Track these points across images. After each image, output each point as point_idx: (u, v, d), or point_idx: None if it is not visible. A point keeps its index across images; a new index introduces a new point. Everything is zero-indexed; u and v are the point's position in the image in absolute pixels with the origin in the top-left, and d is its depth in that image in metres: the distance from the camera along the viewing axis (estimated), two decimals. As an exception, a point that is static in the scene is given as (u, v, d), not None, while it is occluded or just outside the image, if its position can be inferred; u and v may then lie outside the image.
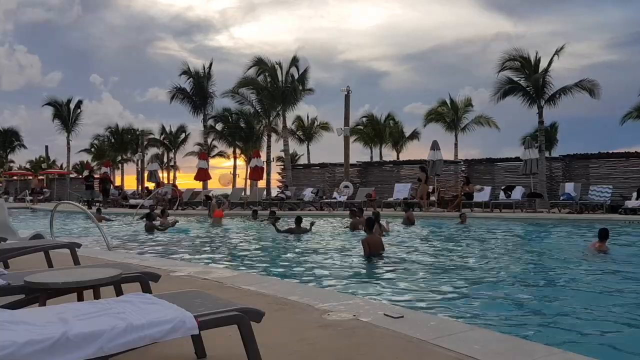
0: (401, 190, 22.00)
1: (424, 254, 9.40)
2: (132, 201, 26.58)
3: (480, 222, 15.86)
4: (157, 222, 14.62)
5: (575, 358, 3.16)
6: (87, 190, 30.66)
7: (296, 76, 27.66)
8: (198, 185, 29.49)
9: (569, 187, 18.96)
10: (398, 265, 8.26)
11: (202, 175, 27.64)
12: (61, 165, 51.86)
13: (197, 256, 9.90)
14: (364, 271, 7.85)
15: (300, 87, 27.73)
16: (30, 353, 2.12)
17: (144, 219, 15.47)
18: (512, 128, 59.38)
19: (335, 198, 22.49)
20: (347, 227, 13.70)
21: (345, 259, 8.97)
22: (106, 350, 2.27)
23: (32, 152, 60.11)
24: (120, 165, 46.22)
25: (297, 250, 10.45)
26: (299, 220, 12.85)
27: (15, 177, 44.18)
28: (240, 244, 11.91)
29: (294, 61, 27.46)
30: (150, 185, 30.44)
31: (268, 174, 28.04)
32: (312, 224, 12.92)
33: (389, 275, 7.49)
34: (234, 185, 35.46)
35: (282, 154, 29.77)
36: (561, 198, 18.68)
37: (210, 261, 9.12)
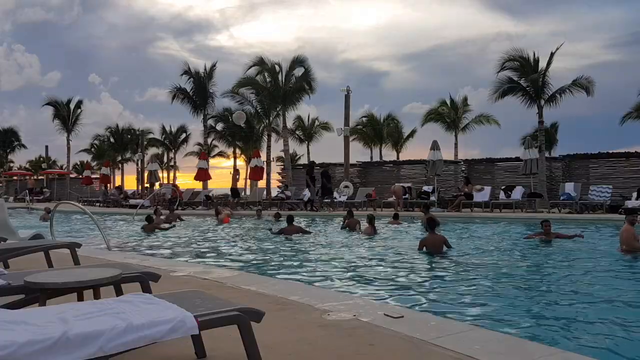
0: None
1: (424, 254, 9.39)
2: (132, 201, 26.62)
3: (480, 222, 15.87)
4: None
5: (575, 358, 3.17)
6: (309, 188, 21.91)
7: (299, 76, 27.63)
8: (198, 185, 29.52)
9: (569, 187, 18.95)
10: (398, 265, 8.26)
11: (202, 175, 27.64)
12: (61, 166, 51.87)
13: (197, 256, 9.90)
14: (364, 271, 7.84)
15: (308, 87, 27.68)
16: (30, 353, 2.12)
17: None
18: (512, 128, 59.38)
19: (335, 198, 22.49)
20: (342, 227, 13.70)
21: (345, 259, 8.97)
22: (106, 350, 2.27)
23: (32, 152, 60.23)
24: (120, 165, 46.27)
25: (297, 250, 10.45)
26: (290, 219, 12.81)
27: (15, 177, 44.21)
28: (241, 244, 11.91)
29: (296, 61, 27.45)
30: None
31: (268, 174, 28.04)
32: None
33: (389, 275, 7.49)
34: (234, 185, 35.48)
35: (282, 154, 29.78)
36: (561, 198, 18.67)
37: (210, 261, 9.12)
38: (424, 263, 8.54)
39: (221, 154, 43.55)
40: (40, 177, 46.10)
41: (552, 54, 22.13)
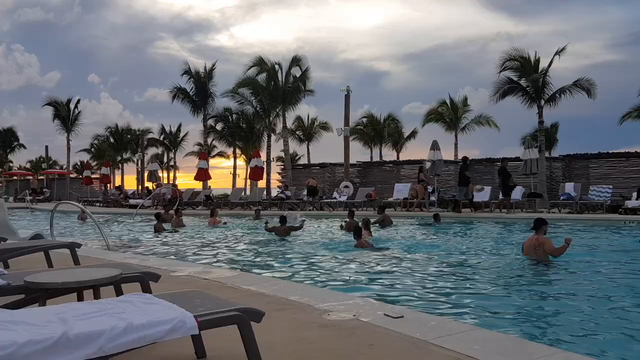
0: (401, 190, 21.95)
1: (424, 254, 9.40)
2: (132, 201, 26.63)
3: (480, 222, 15.87)
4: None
5: (575, 358, 3.17)
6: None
7: (297, 75, 27.64)
8: (198, 185, 29.53)
9: (569, 187, 18.95)
10: (398, 266, 8.26)
11: (202, 175, 27.64)
12: (61, 166, 51.87)
13: (197, 256, 9.90)
14: (364, 271, 7.84)
15: (303, 87, 27.71)
16: (30, 353, 2.12)
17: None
18: (512, 128, 59.52)
19: (335, 198, 22.49)
20: (342, 227, 13.66)
21: (346, 260, 8.97)
22: (106, 350, 2.27)
23: (32, 152, 60.29)
24: (120, 165, 46.29)
25: (296, 250, 10.45)
26: (283, 219, 12.76)
27: (15, 177, 44.21)
28: (241, 244, 11.90)
29: (295, 61, 27.45)
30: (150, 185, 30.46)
31: (268, 174, 28.05)
32: (302, 222, 13.13)
33: (389, 275, 7.49)
34: (234, 186, 35.51)
35: (282, 154, 29.80)
36: (561, 198, 18.67)
37: (210, 261, 9.12)
38: (424, 263, 8.53)
39: (221, 154, 43.63)
40: (40, 177, 46.10)
41: (556, 53, 21.98)
